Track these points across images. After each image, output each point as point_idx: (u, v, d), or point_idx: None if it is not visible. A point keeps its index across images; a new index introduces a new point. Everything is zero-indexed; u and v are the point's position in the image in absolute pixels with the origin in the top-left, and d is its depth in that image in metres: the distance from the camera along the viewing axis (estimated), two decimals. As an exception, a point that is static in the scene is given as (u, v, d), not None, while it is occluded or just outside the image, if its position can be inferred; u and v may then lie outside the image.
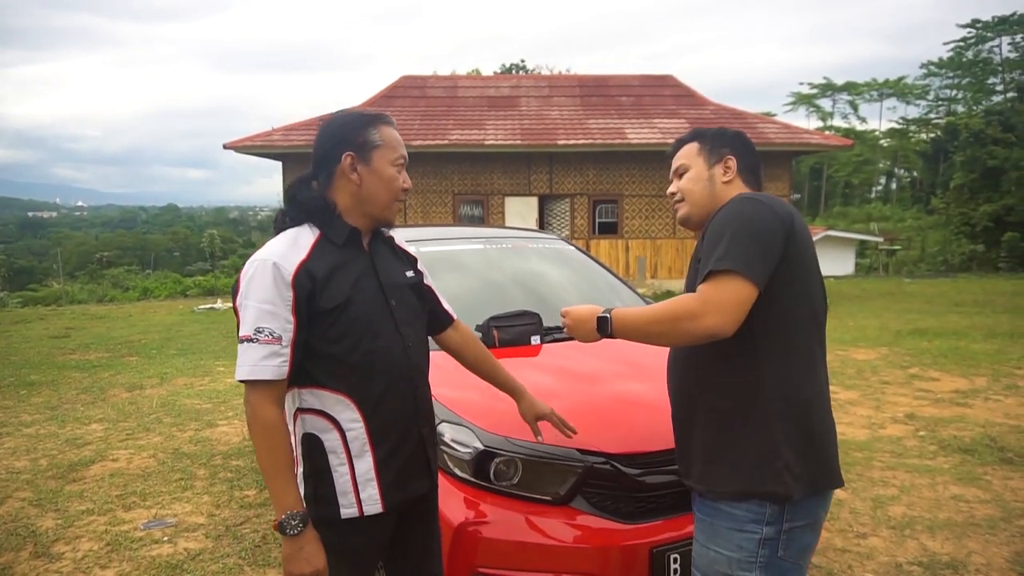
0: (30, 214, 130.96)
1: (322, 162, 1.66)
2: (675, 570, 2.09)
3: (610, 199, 15.77)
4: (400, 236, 1.88)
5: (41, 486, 4.14)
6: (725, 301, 1.48)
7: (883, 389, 6.38)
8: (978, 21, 45.48)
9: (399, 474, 1.67)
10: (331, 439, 1.61)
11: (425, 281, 1.88)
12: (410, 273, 1.81)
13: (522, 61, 39.91)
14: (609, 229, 15.88)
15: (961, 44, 47.95)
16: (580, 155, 15.33)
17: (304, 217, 1.65)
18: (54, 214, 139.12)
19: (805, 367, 1.62)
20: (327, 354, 1.59)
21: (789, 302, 1.57)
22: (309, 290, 1.55)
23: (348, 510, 1.61)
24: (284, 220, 1.67)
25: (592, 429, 2.23)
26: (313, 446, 1.61)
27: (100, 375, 7.47)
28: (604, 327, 1.67)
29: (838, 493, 3.89)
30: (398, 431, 1.68)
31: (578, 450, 2.17)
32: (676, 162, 1.82)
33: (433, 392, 1.88)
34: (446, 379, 2.50)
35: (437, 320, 1.94)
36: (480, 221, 15.49)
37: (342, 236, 1.64)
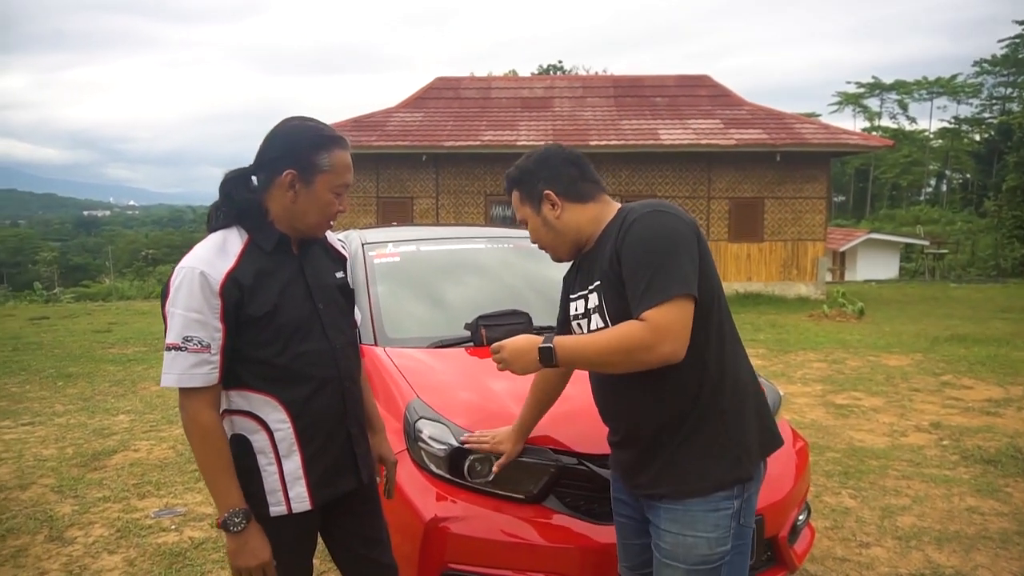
0: (85, 213, 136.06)
1: (265, 165, 1.63)
2: (646, 572, 2.08)
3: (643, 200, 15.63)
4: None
5: (64, 473, 4.31)
6: (675, 326, 1.50)
7: (911, 396, 6.19)
8: (1036, 16, 43.80)
9: (326, 472, 1.69)
10: (259, 440, 1.63)
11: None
12: (339, 274, 1.81)
13: (559, 62, 39.79)
14: (641, 230, 15.73)
15: (1017, 41, 46.20)
16: (613, 156, 15.24)
17: (235, 219, 1.64)
18: (107, 213, 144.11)
19: (736, 351, 1.71)
20: (255, 358, 1.60)
21: (709, 296, 1.61)
22: (237, 298, 1.55)
23: (277, 508, 1.64)
24: (217, 216, 1.65)
25: (567, 429, 2.24)
26: (241, 446, 1.62)
27: (134, 369, 7.72)
28: (548, 357, 1.60)
29: (846, 501, 3.80)
30: (326, 431, 1.69)
31: (552, 449, 2.18)
32: (516, 214, 1.82)
33: (415, 391, 1.86)
34: (425, 377, 2.53)
35: None
36: (511, 222, 15.51)
37: (271, 243, 1.63)
